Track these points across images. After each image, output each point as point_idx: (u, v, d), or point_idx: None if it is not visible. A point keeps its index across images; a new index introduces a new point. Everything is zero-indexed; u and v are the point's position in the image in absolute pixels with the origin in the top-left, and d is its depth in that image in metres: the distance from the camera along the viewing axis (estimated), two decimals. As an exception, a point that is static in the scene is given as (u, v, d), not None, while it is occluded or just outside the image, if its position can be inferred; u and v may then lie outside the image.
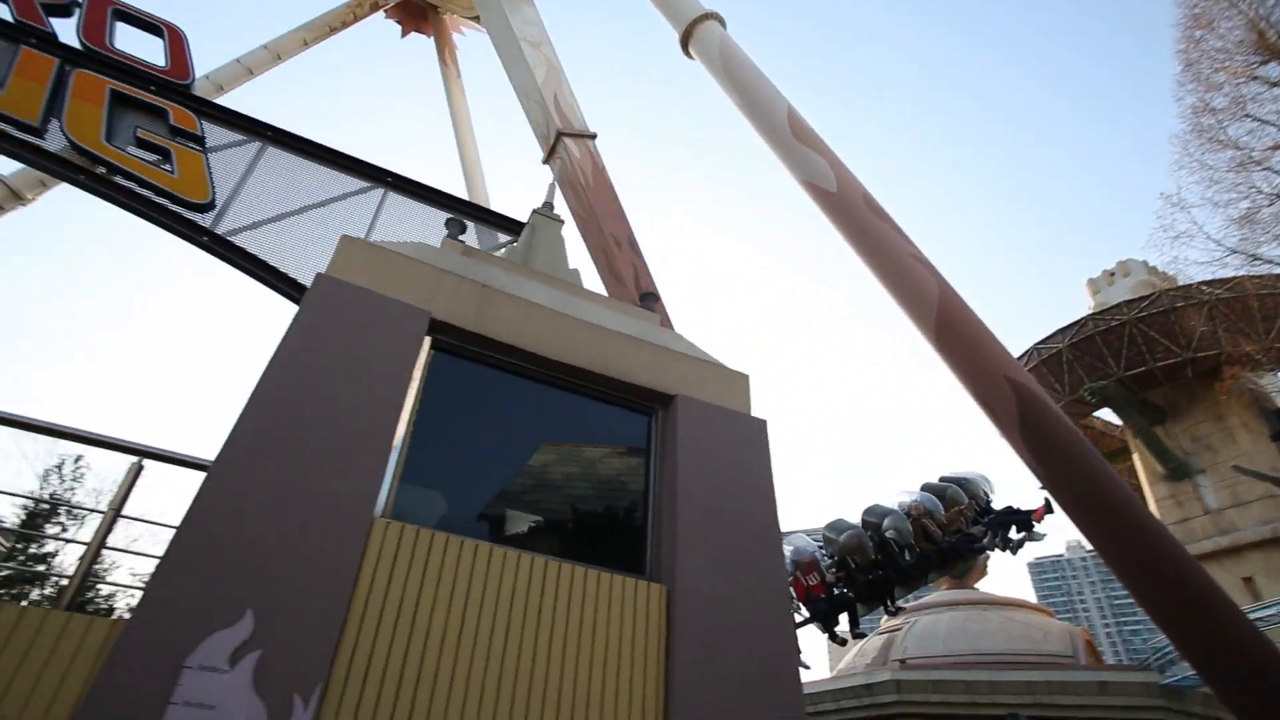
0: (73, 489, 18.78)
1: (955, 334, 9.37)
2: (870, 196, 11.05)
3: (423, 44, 22.28)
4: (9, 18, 6.29)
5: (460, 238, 6.27)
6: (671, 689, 4.44)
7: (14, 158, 6.41)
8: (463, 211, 7.38)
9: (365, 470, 4.32)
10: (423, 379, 4.98)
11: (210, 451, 4.28)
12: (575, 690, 4.26)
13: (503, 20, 15.13)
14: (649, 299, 6.89)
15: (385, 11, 21.43)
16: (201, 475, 4.17)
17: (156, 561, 3.85)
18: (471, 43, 21.46)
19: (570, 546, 5.11)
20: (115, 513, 3.97)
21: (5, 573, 4.64)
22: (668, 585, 4.88)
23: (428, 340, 5.08)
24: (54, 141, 5.95)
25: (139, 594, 4.54)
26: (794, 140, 11.88)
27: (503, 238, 7.61)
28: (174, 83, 6.81)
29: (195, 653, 3.55)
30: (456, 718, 3.91)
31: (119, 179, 6.09)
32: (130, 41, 6.89)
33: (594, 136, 12.87)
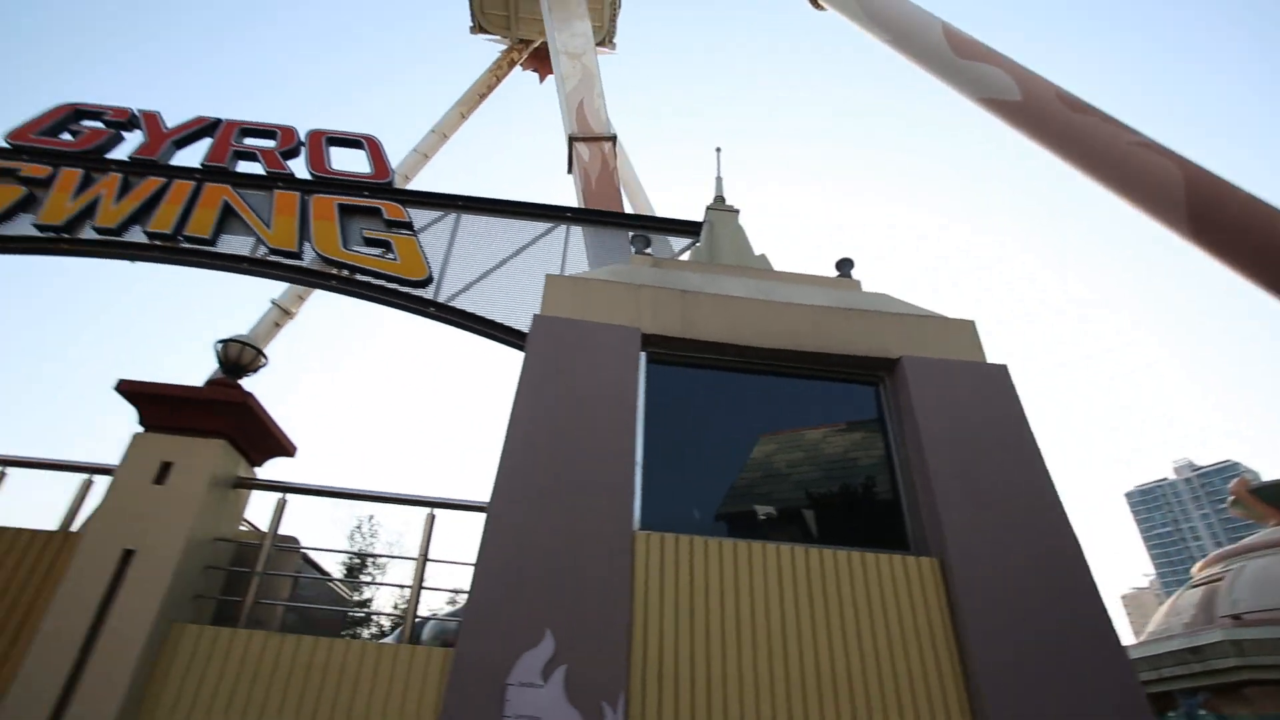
0: (371, 542, 22.39)
1: (1218, 221, 7.84)
2: (1066, 93, 9.66)
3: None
4: (261, 171, 7.65)
5: (647, 250, 6.47)
6: (970, 665, 4.16)
7: (284, 280, 7.77)
8: (641, 226, 7.62)
9: (618, 487, 4.59)
10: (645, 392, 5.20)
11: (479, 494, 4.80)
12: (865, 675, 4.15)
13: (553, 37, 15.98)
14: (846, 264, 6.59)
15: (521, 65, 22.92)
16: (479, 515, 4.69)
17: (450, 596, 4.40)
18: (603, 68, 22.17)
19: (824, 531, 5.00)
20: (424, 558, 4.58)
21: (334, 616, 5.66)
22: (939, 557, 4.59)
23: (643, 355, 5.30)
24: (310, 260, 7.12)
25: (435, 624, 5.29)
26: (957, 58, 10.76)
27: (676, 243, 7.74)
28: (380, 184, 7.82)
29: (513, 672, 3.98)
30: (753, 718, 3.97)
31: (359, 276, 7.11)
32: (342, 159, 8.06)
33: (613, 138, 13.08)
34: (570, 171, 12.35)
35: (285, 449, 5.20)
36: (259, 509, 5.75)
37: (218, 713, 3.94)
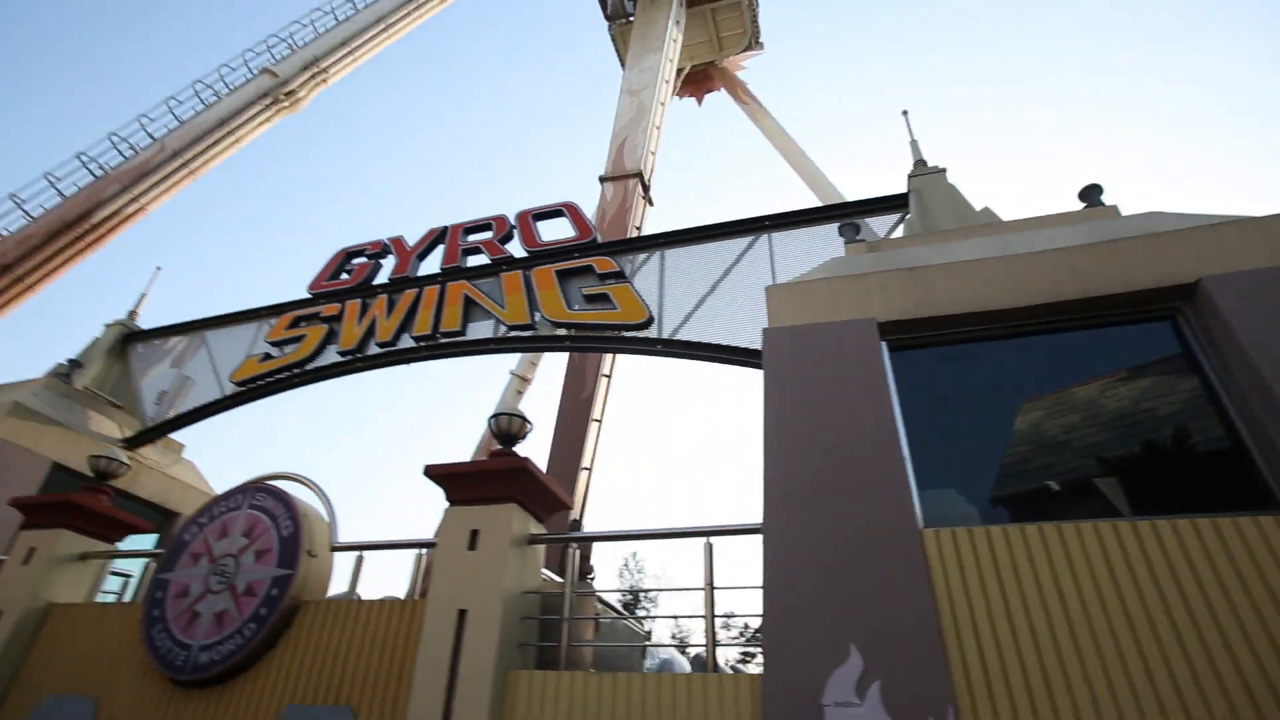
0: (640, 577, 23.74)
1: None
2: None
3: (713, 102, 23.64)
4: (487, 260, 8.66)
5: (859, 239, 6.18)
6: None
7: (524, 350, 8.65)
8: (843, 214, 7.31)
9: (892, 486, 4.37)
10: (895, 383, 4.92)
11: (749, 515, 4.84)
12: (1237, 662, 3.43)
13: (625, 76, 16.60)
14: (1093, 191, 5.71)
15: (678, 95, 23.50)
16: (753, 538, 4.72)
17: (741, 620, 4.44)
18: (756, 70, 21.93)
19: (1136, 500, 4.29)
20: (711, 586, 4.72)
21: (633, 651, 6.04)
22: (1325, 509, 3.70)
23: (883, 345, 5.03)
24: (542, 328, 7.86)
25: (729, 649, 5.35)
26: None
27: (880, 226, 7.28)
28: (586, 243, 8.44)
29: (826, 692, 3.91)
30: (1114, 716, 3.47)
31: (587, 333, 7.68)
32: (549, 229, 8.88)
33: (638, 174, 13.83)
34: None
35: (564, 503, 5.71)
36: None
37: (563, 748, 4.37)
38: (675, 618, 5.49)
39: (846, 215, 7.27)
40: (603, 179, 14.62)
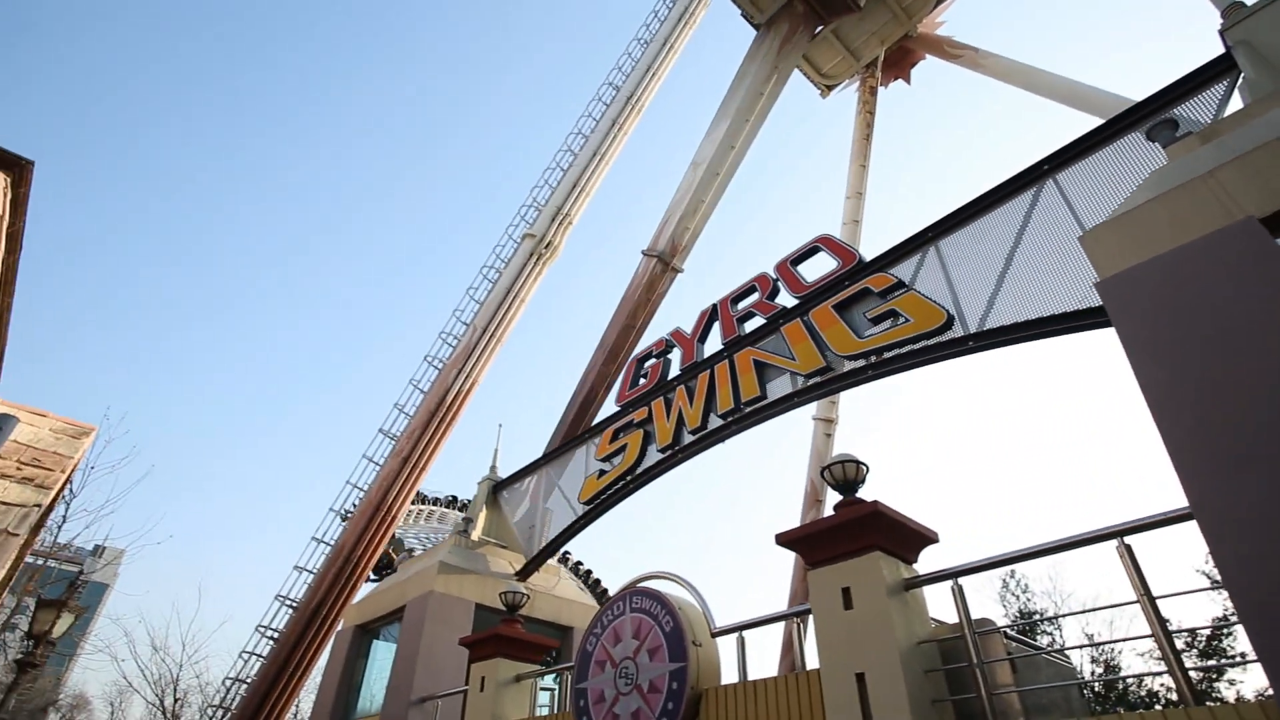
0: (1027, 599, 20.53)
1: None
2: None
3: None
4: (763, 321, 8.89)
5: (1179, 136, 5.09)
6: None
7: (827, 394, 8.51)
8: (1142, 117, 6.10)
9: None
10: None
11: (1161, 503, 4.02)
12: None
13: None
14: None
15: (883, 86, 22.27)
16: (1180, 526, 3.91)
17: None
18: (957, 19, 19.94)
19: None
20: (1147, 595, 3.95)
21: (1071, 690, 5.15)
22: None
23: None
24: (838, 366, 7.71)
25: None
26: None
27: (1188, 116, 5.91)
28: (853, 268, 8.22)
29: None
30: None
31: (885, 355, 7.33)
32: (811, 268, 8.87)
33: (658, 257, 15.13)
34: None
35: (928, 538, 5.34)
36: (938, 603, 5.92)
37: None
38: (1110, 642, 4.66)
39: (1148, 116, 6.06)
40: (644, 253, 16.05)
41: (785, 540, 5.62)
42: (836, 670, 4.95)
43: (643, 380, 10.50)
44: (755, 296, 9.37)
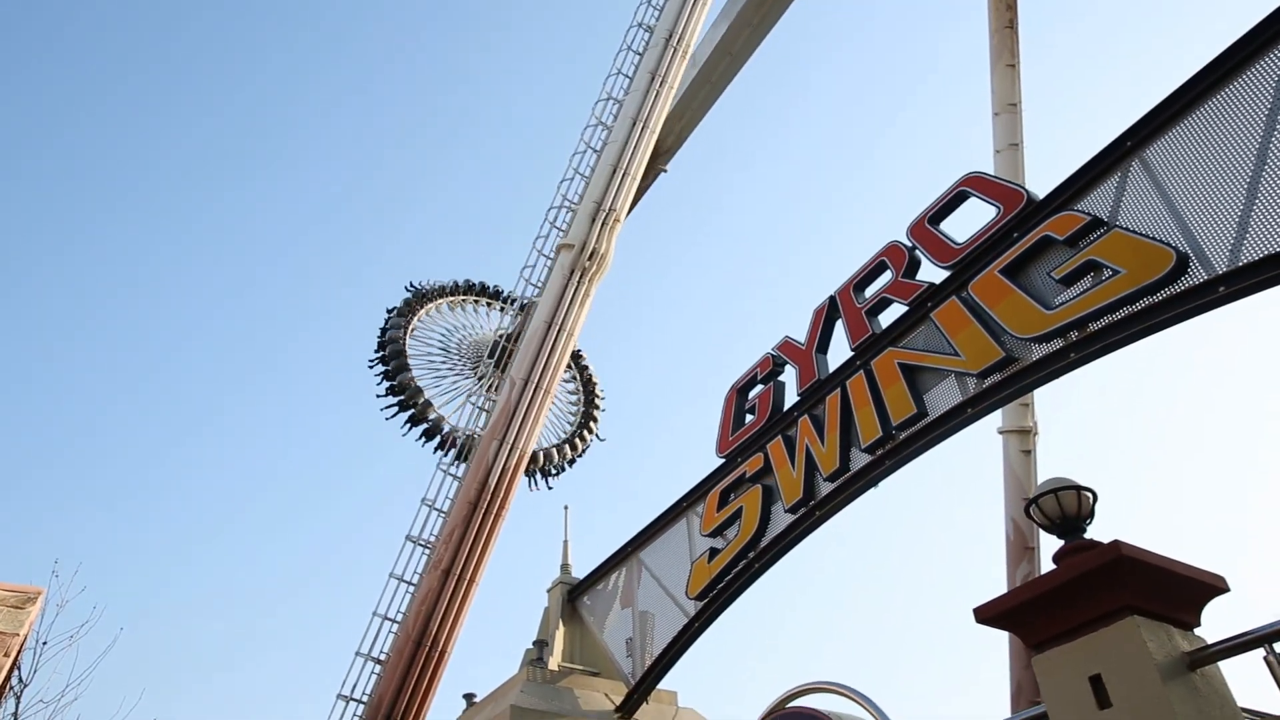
0: None
1: None
2: None
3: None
4: (904, 308, 8.67)
5: None
6: None
7: (1014, 396, 8.16)
8: None
9: None
10: None
11: None
12: None
13: None
14: None
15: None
16: None
17: None
18: None
19: None
20: None
21: None
22: None
23: None
24: (1023, 353, 7.43)
25: None
26: None
27: None
28: (1020, 211, 7.97)
29: None
30: None
31: (1092, 326, 6.99)
32: (961, 225, 8.59)
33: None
34: None
35: (1214, 587, 5.00)
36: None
37: None
38: None
39: None
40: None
41: (987, 617, 5.37)
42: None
43: (749, 417, 10.36)
44: (889, 276, 9.19)
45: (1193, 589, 5.00)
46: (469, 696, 14.12)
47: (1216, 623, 5.07)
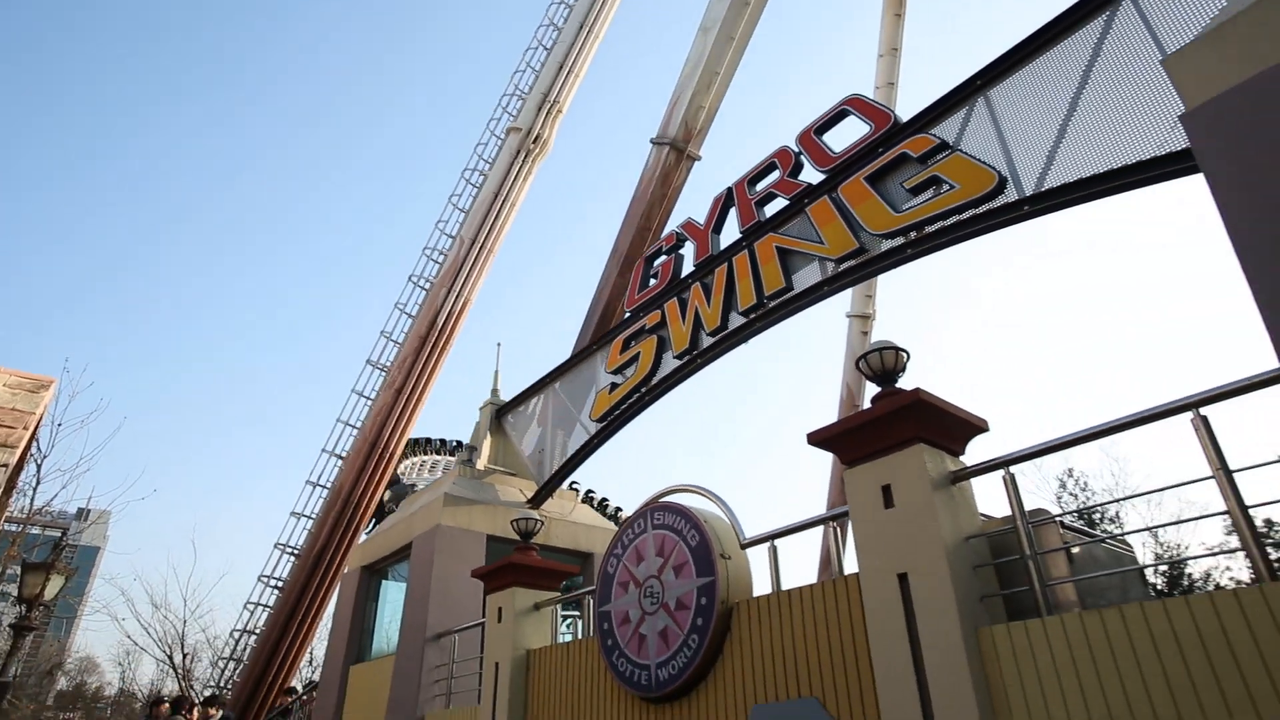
0: (1089, 494, 20.82)
1: None
2: None
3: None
4: (785, 201, 8.71)
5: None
6: None
7: (862, 279, 8.44)
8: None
9: None
10: None
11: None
12: None
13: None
14: None
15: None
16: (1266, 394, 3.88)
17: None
18: None
19: None
20: (1224, 469, 3.96)
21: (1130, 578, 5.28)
22: None
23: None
24: (873, 246, 7.60)
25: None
26: None
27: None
28: (888, 131, 7.97)
29: None
30: None
31: (927, 229, 7.18)
32: (839, 136, 8.59)
33: (669, 143, 14.91)
34: None
35: (977, 427, 5.37)
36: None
37: (1074, 702, 4.03)
38: (1173, 524, 4.73)
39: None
40: (653, 141, 15.43)
41: (818, 439, 5.68)
42: (877, 572, 5.10)
43: (653, 281, 10.43)
44: (776, 175, 9.15)
45: (963, 427, 5.36)
46: (412, 487, 14.37)
47: (975, 453, 5.50)
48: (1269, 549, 4.02)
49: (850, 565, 5.65)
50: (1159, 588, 15.76)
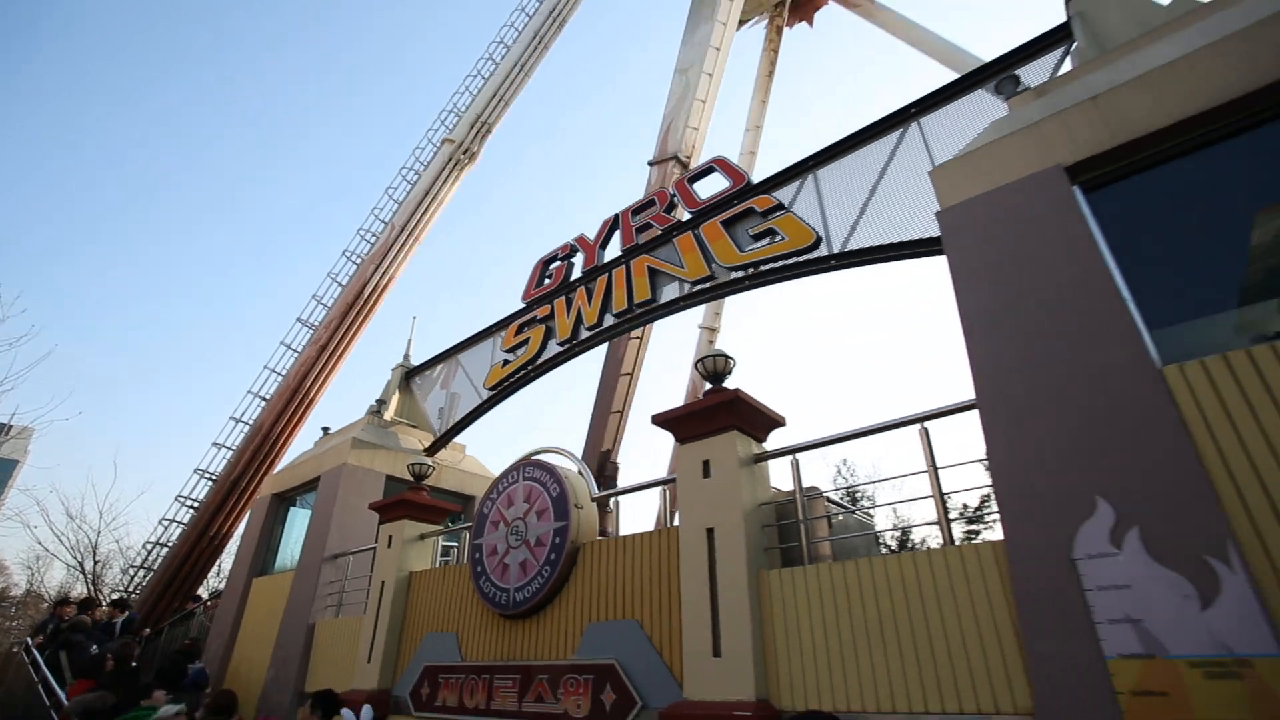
0: (855, 478, 22.82)
1: None
2: None
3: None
4: (659, 231, 8.90)
5: (1019, 90, 5.39)
6: None
7: (709, 299, 8.76)
8: (996, 71, 6.38)
9: (1116, 331, 3.84)
10: (1097, 224, 4.27)
11: (950, 397, 4.52)
12: None
13: (679, 53, 16.00)
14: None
15: (788, 26, 21.82)
16: (972, 413, 4.42)
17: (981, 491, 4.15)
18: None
19: None
20: (934, 468, 4.50)
21: (867, 540, 5.94)
22: None
23: (1076, 190, 4.39)
24: (720, 275, 7.93)
25: (958, 524, 5.10)
26: None
27: (1037, 75, 6.22)
28: (742, 188, 8.31)
29: (1076, 546, 3.58)
30: None
31: (762, 269, 7.59)
32: (706, 186, 8.88)
33: (674, 158, 13.84)
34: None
35: (777, 422, 5.77)
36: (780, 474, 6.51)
37: (816, 626, 4.49)
38: (901, 502, 5.30)
39: (999, 72, 6.34)
40: (650, 163, 14.88)
41: (660, 420, 5.93)
42: (692, 526, 5.40)
43: (547, 280, 10.40)
44: (654, 209, 9.33)
45: (767, 421, 5.75)
46: (325, 429, 13.63)
47: (774, 442, 5.91)
48: (953, 524, 4.59)
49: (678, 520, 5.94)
50: (893, 548, 17.49)
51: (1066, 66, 5.86)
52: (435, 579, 7.90)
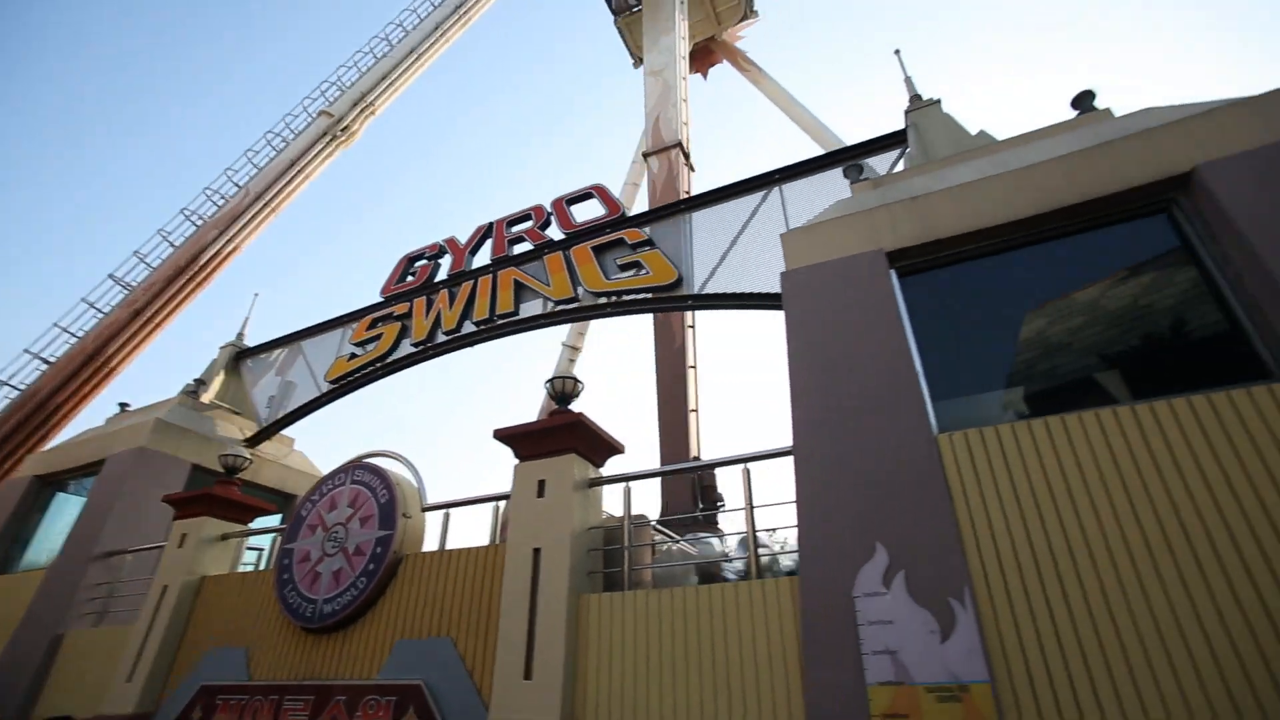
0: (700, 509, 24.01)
1: None
2: None
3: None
4: (530, 247, 8.91)
5: (864, 178, 6.11)
6: None
7: (571, 321, 8.88)
8: (847, 157, 7.20)
9: (907, 401, 4.42)
10: (906, 306, 4.92)
11: (776, 442, 4.95)
12: (1227, 520, 3.37)
13: (645, 61, 16.77)
14: (1085, 98, 5.48)
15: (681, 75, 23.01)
16: (787, 459, 4.85)
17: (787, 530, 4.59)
18: (754, 38, 21.15)
19: (1139, 386, 4.19)
20: (750, 506, 4.88)
21: (688, 569, 6.32)
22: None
23: (893, 273, 5.03)
24: (585, 299, 8.09)
25: (771, 558, 5.58)
26: None
27: (882, 166, 7.12)
28: (616, 219, 8.57)
29: (856, 585, 4.04)
30: (1114, 583, 3.48)
31: (625, 298, 7.86)
32: (583, 211, 9.06)
33: (678, 144, 13.74)
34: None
35: (616, 449, 5.94)
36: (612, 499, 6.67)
37: (627, 652, 4.66)
38: (728, 535, 5.65)
39: (850, 158, 7.16)
40: (647, 154, 14.89)
41: (502, 435, 5.89)
42: (519, 545, 5.39)
43: (410, 278, 10.02)
44: (529, 224, 9.36)
45: (606, 447, 5.90)
46: (124, 405, 11.95)
47: (611, 468, 6.08)
48: (763, 558, 4.97)
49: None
50: (729, 577, 18.34)
51: (901, 166, 6.74)
52: (232, 586, 7.17)
